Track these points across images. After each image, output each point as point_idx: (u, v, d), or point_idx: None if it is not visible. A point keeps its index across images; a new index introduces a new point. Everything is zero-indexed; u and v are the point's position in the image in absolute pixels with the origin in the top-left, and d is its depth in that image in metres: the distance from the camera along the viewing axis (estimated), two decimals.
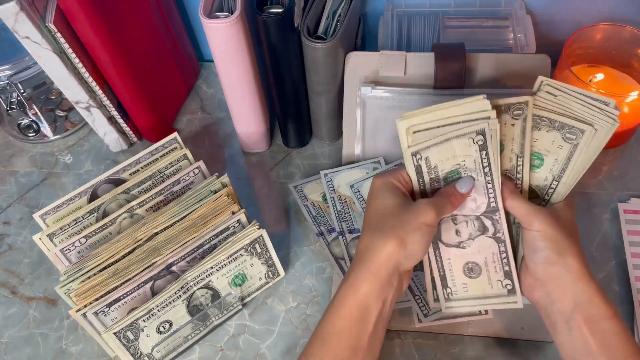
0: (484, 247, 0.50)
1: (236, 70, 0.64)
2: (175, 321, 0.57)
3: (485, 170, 0.48)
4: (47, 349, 0.61)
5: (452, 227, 0.51)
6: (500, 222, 0.50)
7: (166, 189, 0.62)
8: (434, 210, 0.46)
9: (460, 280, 0.51)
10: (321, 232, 0.66)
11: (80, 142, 0.80)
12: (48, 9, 0.61)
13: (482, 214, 0.50)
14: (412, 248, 0.45)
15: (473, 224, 0.50)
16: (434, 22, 0.74)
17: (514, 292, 0.50)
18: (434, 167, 0.49)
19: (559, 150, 0.48)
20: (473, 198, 0.49)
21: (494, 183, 0.48)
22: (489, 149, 0.47)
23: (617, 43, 0.69)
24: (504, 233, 0.50)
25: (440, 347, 0.58)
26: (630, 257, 0.62)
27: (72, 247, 0.58)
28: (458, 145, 0.48)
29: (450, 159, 0.49)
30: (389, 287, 0.46)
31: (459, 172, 0.49)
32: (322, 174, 0.69)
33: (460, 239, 0.51)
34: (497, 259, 0.50)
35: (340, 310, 0.45)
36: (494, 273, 0.51)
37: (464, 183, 0.48)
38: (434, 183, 0.50)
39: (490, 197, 0.49)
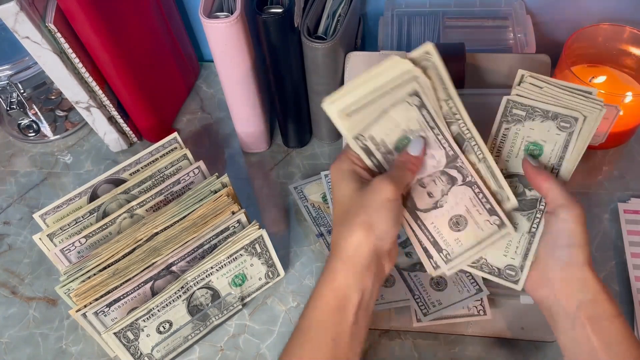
0: (459, 196, 0.49)
1: (236, 70, 0.64)
2: (175, 321, 0.57)
3: (431, 125, 0.47)
4: (47, 349, 0.61)
5: (423, 191, 0.50)
6: (465, 166, 0.49)
7: (166, 189, 0.62)
8: (391, 183, 0.45)
9: (452, 237, 0.50)
10: (321, 233, 0.66)
11: (80, 142, 0.80)
12: (48, 9, 0.61)
13: (445, 167, 0.49)
14: (380, 228, 0.44)
15: (440, 179, 0.49)
16: (434, 22, 0.74)
17: (504, 224, 0.49)
18: (381, 142, 0.48)
19: (557, 137, 0.48)
20: (430, 155, 0.48)
21: (443, 132, 0.47)
22: (428, 105, 0.46)
23: (617, 43, 0.69)
24: (472, 175, 0.49)
25: (440, 347, 0.58)
26: (630, 257, 0.62)
27: (72, 247, 0.58)
28: (397, 114, 0.47)
29: (394, 129, 0.47)
30: (367, 274, 0.45)
31: (407, 137, 0.48)
32: (323, 175, 0.69)
33: (435, 199, 0.50)
34: (476, 201, 0.49)
35: (317, 302, 0.45)
36: (479, 215, 0.50)
37: (414, 145, 0.47)
38: (387, 156, 0.48)
39: (445, 147, 0.48)
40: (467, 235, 0.50)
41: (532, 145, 0.49)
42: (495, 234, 0.50)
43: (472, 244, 0.50)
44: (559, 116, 0.47)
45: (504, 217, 0.49)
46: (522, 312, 0.58)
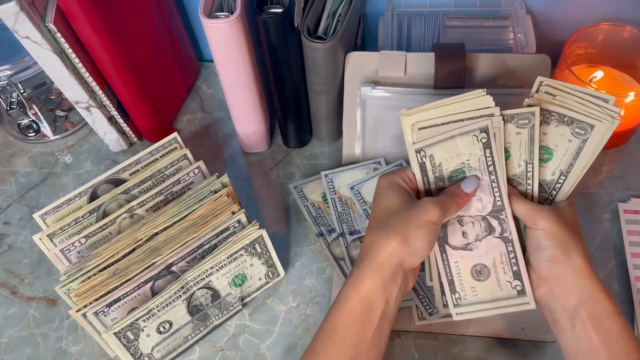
0: (492, 247, 0.50)
1: (236, 70, 0.64)
2: (175, 321, 0.57)
3: (490, 169, 0.48)
4: (47, 349, 0.61)
5: (459, 228, 0.50)
6: (507, 221, 0.49)
7: (166, 189, 0.62)
8: (438, 208, 0.46)
9: (469, 284, 0.50)
10: (321, 233, 0.66)
11: (80, 142, 0.80)
12: (48, 9, 0.61)
13: (488, 213, 0.49)
14: (415, 245, 0.45)
15: (480, 224, 0.50)
16: (434, 22, 0.74)
17: (524, 293, 0.49)
18: (438, 165, 0.49)
19: (569, 144, 0.48)
20: (479, 198, 0.49)
21: (499, 181, 0.48)
22: (493, 147, 0.47)
23: (617, 43, 0.69)
24: (511, 232, 0.49)
25: (440, 347, 0.58)
26: (630, 257, 0.62)
27: (72, 247, 0.58)
28: (462, 143, 0.48)
29: (455, 157, 0.48)
30: (393, 284, 0.45)
31: (463, 171, 0.49)
32: (323, 175, 0.69)
33: (467, 241, 0.50)
34: (506, 259, 0.50)
35: (344, 305, 0.45)
36: (503, 274, 0.50)
37: (469, 183, 0.48)
38: (439, 182, 0.49)
39: (495, 196, 0.49)
40: (484, 287, 0.50)
41: (544, 149, 0.49)
42: (512, 299, 0.50)
43: (486, 299, 0.50)
44: (575, 122, 0.47)
45: (527, 286, 0.49)
46: (522, 312, 0.58)
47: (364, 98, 0.66)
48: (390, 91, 0.65)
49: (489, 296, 0.50)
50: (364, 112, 0.67)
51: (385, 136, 0.67)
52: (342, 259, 0.63)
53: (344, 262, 0.63)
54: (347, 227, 0.64)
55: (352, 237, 0.63)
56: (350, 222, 0.64)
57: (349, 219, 0.65)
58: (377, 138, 0.68)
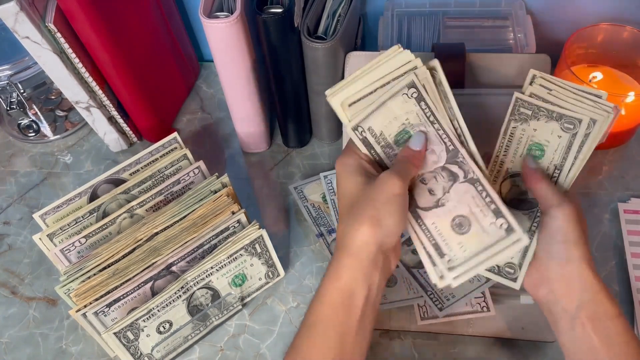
0: (462, 194, 0.47)
1: (236, 70, 0.64)
2: (175, 321, 0.57)
3: (431, 119, 0.47)
4: (47, 349, 0.61)
5: (424, 187, 0.48)
6: (466, 161, 0.47)
7: (166, 189, 0.62)
8: (397, 177, 0.44)
9: (455, 241, 0.47)
10: (321, 233, 0.66)
11: (80, 142, 0.80)
12: (48, 9, 0.61)
13: (445, 162, 0.48)
14: (387, 223, 0.44)
15: (442, 175, 0.48)
16: (434, 22, 0.74)
17: (512, 229, 0.45)
18: (380, 134, 0.48)
19: (559, 139, 0.48)
20: (431, 150, 0.48)
21: (444, 127, 0.47)
22: (426, 98, 0.46)
23: (617, 43, 0.69)
24: (474, 171, 0.47)
25: (440, 347, 0.58)
26: (630, 257, 0.62)
27: (72, 247, 0.58)
28: (395, 106, 0.46)
29: (393, 121, 0.47)
30: (374, 269, 0.45)
31: (407, 131, 0.47)
32: (322, 176, 0.68)
33: (436, 197, 0.48)
34: (480, 201, 0.46)
35: (324, 297, 0.45)
36: (483, 217, 0.46)
37: (416, 139, 0.47)
38: (387, 150, 0.48)
39: (446, 142, 0.47)
40: (471, 239, 0.47)
41: (535, 146, 0.49)
42: (503, 240, 0.45)
43: (478, 250, 0.46)
44: (563, 117, 0.47)
45: (512, 220, 0.45)
46: (522, 312, 0.58)
47: None
48: None
49: (478, 246, 0.46)
50: None
51: None
52: None
53: None
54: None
55: None
56: None
57: None
58: None
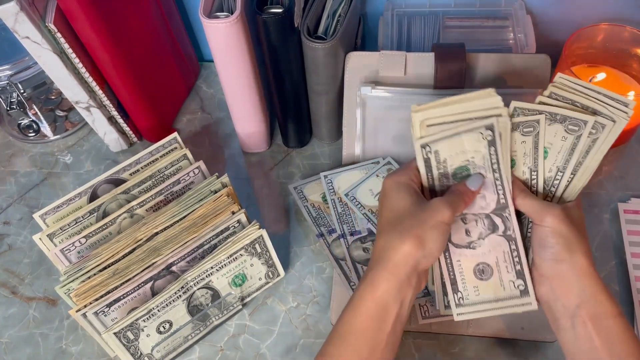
0: (495, 246, 0.49)
1: (236, 70, 0.64)
2: (175, 321, 0.57)
3: (494, 167, 0.48)
4: (47, 349, 0.61)
5: (462, 226, 0.50)
6: (511, 219, 0.49)
7: (166, 189, 0.62)
8: (449, 208, 0.46)
9: (472, 284, 0.50)
10: (321, 233, 0.66)
11: (80, 142, 0.80)
12: (48, 9, 0.61)
13: (491, 211, 0.49)
14: (429, 247, 0.45)
15: (483, 222, 0.49)
16: (434, 22, 0.74)
17: (527, 293, 0.49)
18: (443, 161, 0.49)
19: (562, 142, 0.48)
20: (482, 196, 0.49)
21: (503, 180, 0.48)
22: (498, 145, 0.47)
23: (617, 43, 0.69)
24: (514, 230, 0.49)
25: (440, 347, 0.58)
26: (630, 257, 0.62)
27: (72, 247, 0.58)
28: (467, 140, 0.48)
29: (460, 154, 0.48)
30: (408, 286, 0.45)
31: (467, 168, 0.49)
32: (322, 176, 0.68)
33: (471, 239, 0.50)
34: (509, 258, 0.49)
35: (359, 309, 0.45)
36: (506, 273, 0.49)
37: (474, 180, 0.48)
38: (443, 179, 0.49)
39: (499, 194, 0.48)
40: (487, 287, 0.50)
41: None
42: (514, 299, 0.49)
43: (489, 299, 0.50)
44: (568, 119, 0.47)
45: (530, 286, 0.49)
46: (522, 312, 0.58)
47: (364, 98, 0.66)
48: (390, 91, 0.65)
49: (491, 296, 0.50)
50: (364, 112, 0.67)
51: (386, 136, 0.67)
52: (342, 259, 0.63)
53: (344, 262, 0.63)
54: (347, 228, 0.64)
55: (352, 237, 0.63)
56: (351, 223, 0.64)
57: (349, 219, 0.65)
58: (377, 138, 0.68)
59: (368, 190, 0.65)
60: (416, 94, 0.64)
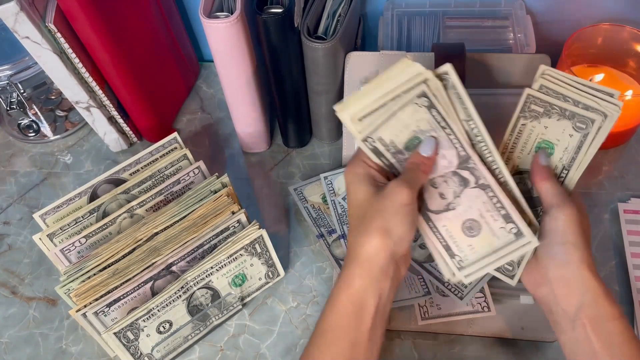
0: (472, 199, 0.48)
1: (236, 70, 0.64)
2: (175, 321, 0.57)
3: (442, 124, 0.46)
4: (47, 349, 0.61)
5: (435, 191, 0.49)
6: (478, 168, 0.47)
7: (166, 189, 0.62)
8: (406, 186, 0.45)
9: (465, 243, 0.48)
10: (321, 234, 0.66)
11: (80, 142, 0.80)
12: (48, 9, 0.61)
13: (456, 167, 0.48)
14: (397, 233, 0.44)
15: (452, 180, 0.48)
16: (434, 22, 0.74)
17: (522, 234, 0.47)
18: (391, 143, 0.48)
19: (570, 139, 0.47)
20: (442, 155, 0.47)
21: (455, 132, 0.46)
22: (438, 106, 0.46)
23: (617, 43, 0.69)
24: (485, 177, 0.47)
25: (440, 347, 0.58)
26: (630, 257, 0.62)
27: (72, 247, 0.58)
28: (405, 115, 0.46)
29: (404, 130, 0.47)
30: (384, 278, 0.45)
31: (418, 137, 0.47)
32: (322, 177, 0.68)
33: (447, 201, 0.48)
34: (490, 206, 0.47)
35: (335, 307, 0.45)
36: (493, 222, 0.47)
37: (426, 145, 0.47)
38: (398, 155, 0.48)
39: (457, 148, 0.47)
40: (481, 241, 0.48)
41: (545, 144, 0.49)
42: (512, 243, 0.48)
43: (487, 252, 0.48)
44: (576, 116, 0.46)
45: (522, 225, 0.47)
46: (522, 312, 0.58)
47: None
48: None
49: (488, 249, 0.48)
50: None
51: None
52: (342, 259, 0.63)
53: None
54: (347, 228, 0.64)
55: None
56: None
57: None
58: None
59: None
60: None
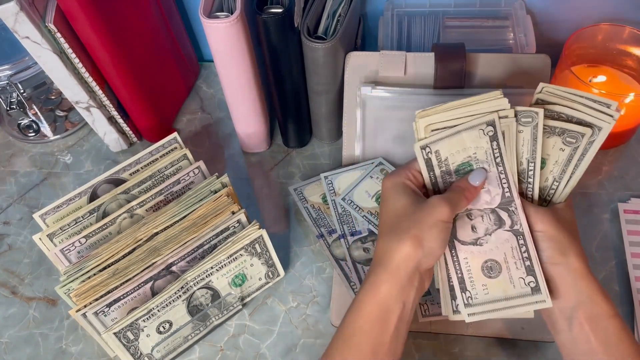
0: (502, 241, 0.48)
1: (236, 70, 0.64)
2: (175, 321, 0.57)
3: (497, 161, 0.47)
4: (47, 349, 0.61)
5: (468, 222, 0.49)
6: (517, 213, 0.48)
7: (166, 189, 0.62)
8: (448, 205, 0.45)
9: (480, 282, 0.48)
10: (322, 234, 0.66)
11: (80, 142, 0.80)
12: (48, 9, 0.61)
13: (497, 206, 0.48)
14: (429, 246, 0.45)
15: (489, 217, 0.48)
16: (434, 22, 0.74)
17: (539, 290, 0.47)
18: (445, 159, 0.48)
19: (560, 153, 0.48)
20: (487, 190, 0.48)
21: (507, 173, 0.47)
22: (500, 140, 0.47)
23: (617, 43, 0.69)
24: (521, 225, 0.47)
25: (440, 347, 0.58)
26: (630, 257, 0.62)
27: (72, 247, 0.58)
28: (468, 137, 0.47)
29: (461, 151, 0.48)
30: (410, 287, 0.45)
31: (470, 164, 0.48)
32: (322, 177, 0.68)
33: (477, 236, 0.49)
34: (517, 253, 0.48)
35: (361, 311, 0.45)
36: (515, 270, 0.48)
37: (477, 175, 0.48)
38: (446, 176, 0.49)
39: (504, 187, 0.48)
40: (496, 285, 0.48)
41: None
42: (526, 297, 0.47)
43: (499, 297, 0.48)
44: (566, 132, 0.47)
45: (541, 281, 0.47)
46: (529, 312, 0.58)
47: (364, 98, 0.66)
48: (390, 91, 0.65)
49: (501, 294, 0.48)
50: (364, 112, 0.67)
51: (385, 136, 0.67)
52: (342, 259, 0.63)
53: (344, 262, 0.63)
54: (348, 228, 0.64)
55: (353, 238, 0.63)
56: (351, 223, 0.64)
57: (349, 220, 0.65)
58: (377, 138, 0.68)
59: (364, 193, 0.65)
60: (416, 94, 0.64)
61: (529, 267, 0.47)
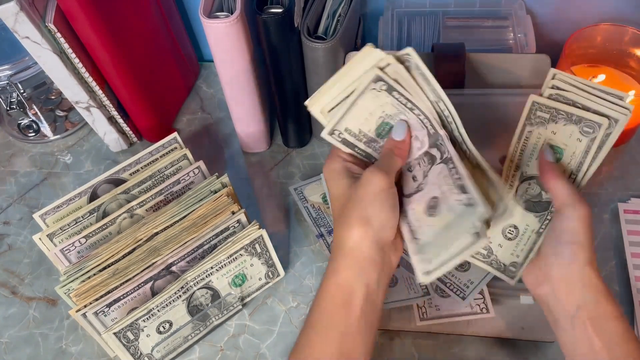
0: (436, 175, 0.46)
1: (236, 70, 0.64)
2: (175, 321, 0.57)
3: (409, 106, 0.45)
4: (47, 349, 0.61)
5: (409, 175, 0.48)
6: (444, 143, 0.45)
7: (166, 189, 0.62)
8: (380, 172, 0.44)
9: (425, 224, 0.45)
10: (321, 234, 0.66)
11: (80, 142, 0.80)
12: (48, 9, 0.61)
13: (428, 147, 0.47)
14: (378, 220, 0.44)
15: (423, 160, 0.47)
16: (434, 22, 0.74)
17: (476, 203, 0.41)
18: (359, 132, 0.47)
19: (577, 143, 0.47)
20: (415, 136, 0.47)
21: (423, 111, 0.45)
22: (398, 87, 0.45)
23: (617, 43, 0.69)
24: (449, 151, 0.45)
25: (440, 347, 0.58)
26: (630, 257, 0.62)
27: (72, 247, 0.58)
28: (367, 102, 0.45)
29: (369, 117, 0.46)
30: (371, 267, 0.45)
31: (387, 122, 0.47)
32: (322, 177, 0.68)
33: (418, 182, 0.47)
34: (450, 180, 0.44)
35: (323, 298, 0.45)
36: (450, 195, 0.44)
37: (398, 129, 0.46)
38: (373, 144, 0.47)
39: (426, 126, 0.46)
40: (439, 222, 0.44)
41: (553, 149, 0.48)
42: (465, 216, 0.42)
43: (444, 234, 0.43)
44: (583, 120, 0.46)
45: (476, 195, 0.42)
46: (522, 312, 0.58)
47: None
48: None
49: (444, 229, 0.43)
50: None
51: None
52: None
53: None
54: None
55: None
56: None
57: None
58: None
59: None
60: None
61: (462, 186, 0.43)
